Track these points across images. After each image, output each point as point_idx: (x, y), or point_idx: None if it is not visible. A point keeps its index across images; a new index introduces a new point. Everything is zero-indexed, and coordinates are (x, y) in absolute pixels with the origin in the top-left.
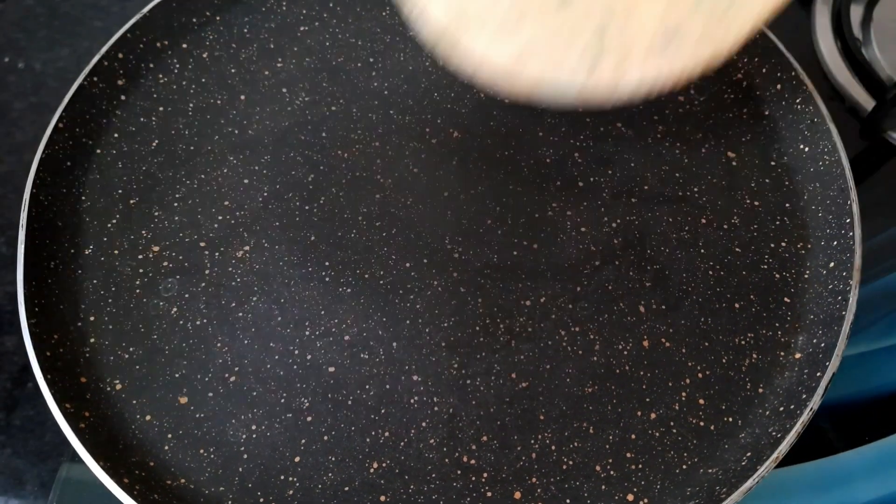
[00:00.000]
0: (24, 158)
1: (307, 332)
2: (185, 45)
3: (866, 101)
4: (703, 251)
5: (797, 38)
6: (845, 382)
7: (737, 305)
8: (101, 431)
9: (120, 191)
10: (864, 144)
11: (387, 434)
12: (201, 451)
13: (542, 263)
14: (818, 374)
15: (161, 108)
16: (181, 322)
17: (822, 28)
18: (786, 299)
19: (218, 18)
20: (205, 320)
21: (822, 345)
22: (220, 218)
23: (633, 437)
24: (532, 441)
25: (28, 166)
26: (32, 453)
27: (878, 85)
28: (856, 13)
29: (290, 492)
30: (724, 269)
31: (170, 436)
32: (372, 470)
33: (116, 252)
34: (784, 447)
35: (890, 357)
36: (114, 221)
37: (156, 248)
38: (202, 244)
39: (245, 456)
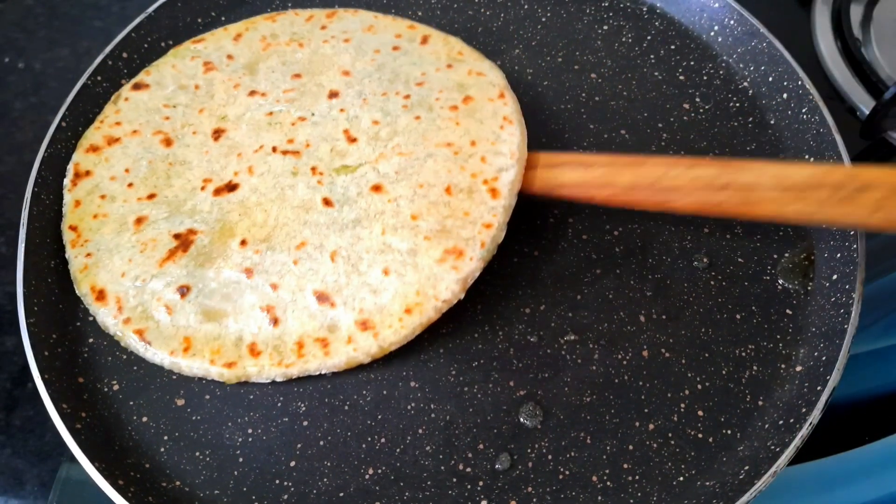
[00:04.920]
0: (24, 158)
1: None
2: None
3: (866, 102)
4: (705, 261)
5: (797, 38)
6: (846, 382)
7: (738, 316)
8: (98, 432)
9: None
10: (864, 144)
11: (383, 440)
12: (197, 453)
13: (542, 271)
14: (818, 387)
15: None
16: None
17: (822, 28)
18: (787, 311)
19: (223, 19)
20: None
21: (824, 358)
22: None
23: (631, 447)
24: (528, 450)
25: (28, 166)
26: (32, 453)
27: (878, 85)
28: (856, 13)
29: (285, 496)
30: (727, 280)
31: (166, 438)
32: (367, 476)
33: None
34: (783, 461)
35: (890, 357)
36: None
37: None
38: None
39: (241, 459)
